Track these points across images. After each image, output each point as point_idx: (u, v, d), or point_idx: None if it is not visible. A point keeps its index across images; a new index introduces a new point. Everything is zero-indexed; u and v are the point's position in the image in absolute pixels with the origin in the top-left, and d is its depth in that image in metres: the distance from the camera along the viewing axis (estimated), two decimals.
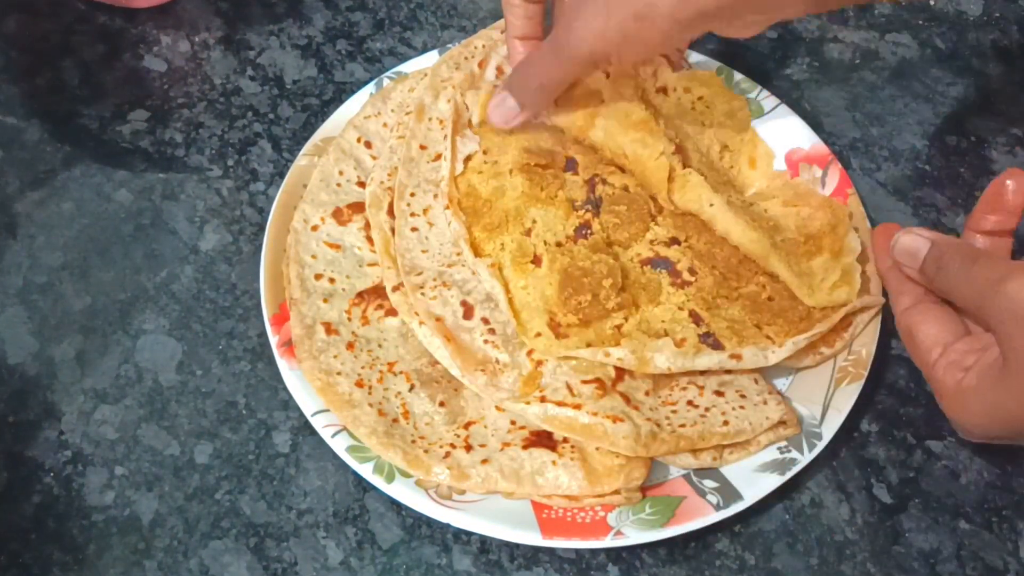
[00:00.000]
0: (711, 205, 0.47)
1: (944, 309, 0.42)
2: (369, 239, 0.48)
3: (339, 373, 0.43)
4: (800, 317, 0.44)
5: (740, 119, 0.53)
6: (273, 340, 0.45)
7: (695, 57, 0.56)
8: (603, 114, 0.49)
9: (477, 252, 0.46)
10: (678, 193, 0.48)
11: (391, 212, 0.47)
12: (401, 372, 0.44)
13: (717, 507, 0.41)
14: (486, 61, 0.52)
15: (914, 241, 0.42)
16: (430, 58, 0.55)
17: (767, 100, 0.54)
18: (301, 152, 0.51)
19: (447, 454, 0.41)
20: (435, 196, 0.48)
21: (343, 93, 0.56)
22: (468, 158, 0.49)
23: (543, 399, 0.41)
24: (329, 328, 0.45)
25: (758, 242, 0.46)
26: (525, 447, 0.41)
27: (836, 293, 0.45)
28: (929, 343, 0.41)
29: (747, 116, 0.53)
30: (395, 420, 0.42)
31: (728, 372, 0.44)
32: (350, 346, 0.44)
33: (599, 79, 0.51)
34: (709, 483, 0.42)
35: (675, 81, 0.53)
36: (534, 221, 0.47)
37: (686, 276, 0.45)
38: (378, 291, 0.46)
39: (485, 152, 0.49)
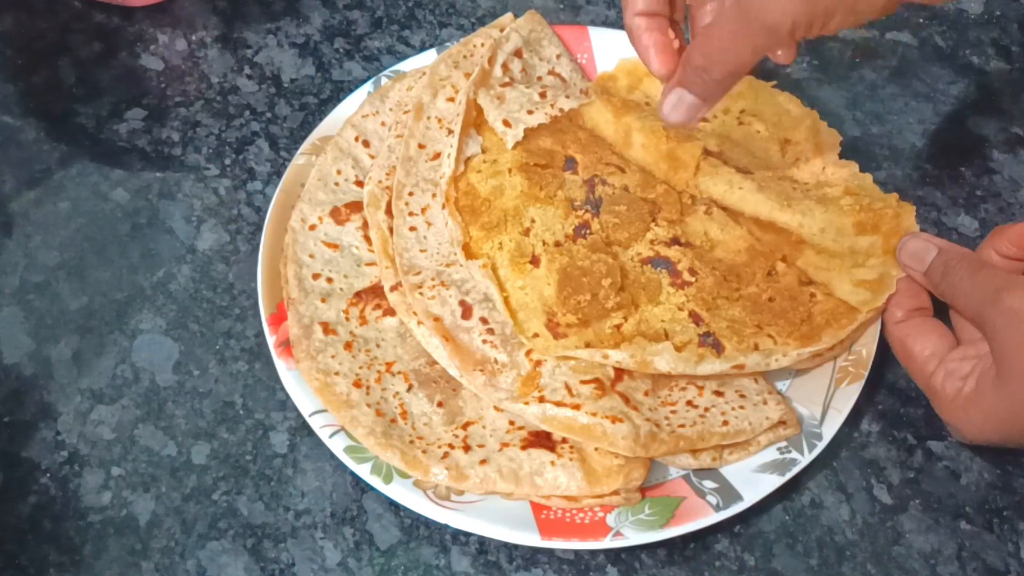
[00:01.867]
0: (740, 188, 0.47)
1: (935, 322, 0.43)
2: (367, 238, 0.48)
3: (337, 373, 0.43)
4: (801, 319, 0.44)
5: (795, 114, 0.52)
6: (271, 340, 0.44)
7: None
8: (636, 128, 0.49)
9: (474, 251, 0.46)
10: (706, 179, 0.48)
11: (389, 211, 0.47)
12: (399, 372, 0.44)
13: (717, 508, 0.40)
14: (494, 58, 0.52)
15: (922, 246, 0.43)
16: (428, 56, 0.54)
17: None
18: (299, 151, 0.51)
19: (445, 454, 0.41)
20: (433, 195, 0.48)
21: (341, 92, 0.56)
22: (469, 158, 0.49)
23: (542, 399, 0.41)
24: (327, 328, 0.44)
25: (789, 223, 0.46)
26: (524, 447, 0.41)
27: (858, 292, 0.44)
28: (926, 355, 0.42)
29: (799, 106, 0.52)
30: (393, 420, 0.42)
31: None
32: (348, 346, 0.44)
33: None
34: (709, 484, 0.41)
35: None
36: (533, 221, 0.46)
37: (686, 276, 0.45)
38: (376, 291, 0.46)
39: (484, 151, 0.49)
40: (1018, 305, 0.38)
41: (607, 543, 0.39)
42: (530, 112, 0.49)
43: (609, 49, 0.55)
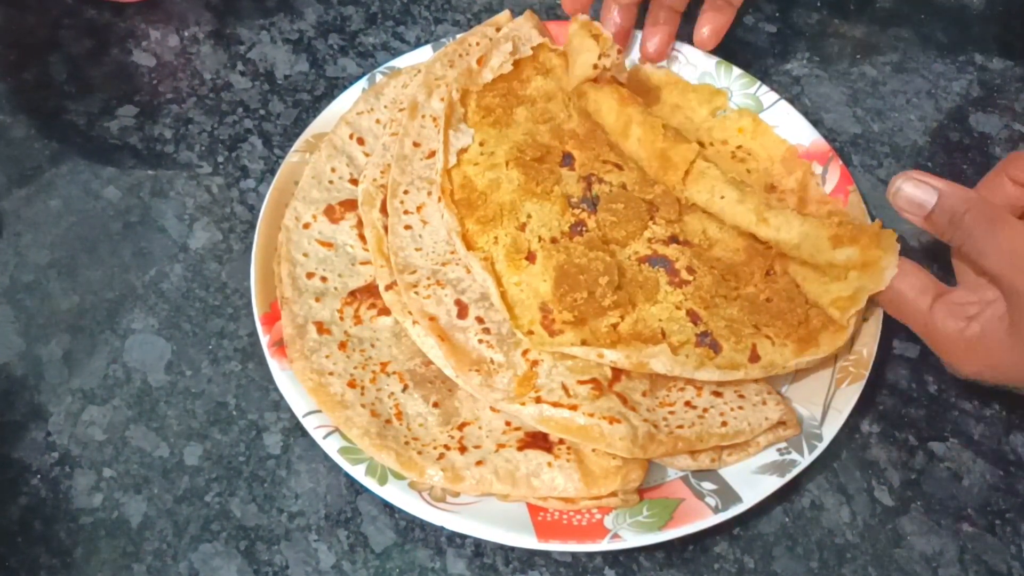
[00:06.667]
0: (722, 198, 0.46)
1: (915, 264, 0.42)
2: (362, 237, 0.47)
3: (331, 373, 0.43)
4: (799, 320, 0.44)
5: (789, 160, 0.51)
6: (264, 340, 0.44)
7: (693, 53, 0.55)
8: (637, 122, 0.49)
9: (469, 245, 0.45)
10: (691, 186, 0.47)
11: (384, 210, 0.47)
12: (394, 372, 0.43)
13: (716, 509, 0.40)
14: (486, 58, 0.51)
15: (920, 190, 0.41)
16: (424, 53, 0.54)
17: (766, 95, 0.53)
18: (292, 148, 0.50)
19: (441, 455, 0.41)
20: (429, 193, 0.47)
21: (335, 88, 0.55)
22: (462, 151, 0.48)
23: (538, 400, 0.40)
24: (321, 327, 0.44)
25: (768, 237, 0.45)
26: (520, 448, 0.41)
27: (835, 312, 0.43)
28: (917, 291, 0.41)
29: (794, 157, 0.51)
30: (388, 421, 0.42)
31: None
32: (342, 346, 0.44)
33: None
34: (707, 485, 0.41)
35: (708, 135, 0.52)
36: (529, 216, 0.46)
37: (684, 275, 0.45)
38: (371, 290, 0.46)
39: (481, 144, 0.49)
40: None
41: (605, 545, 0.39)
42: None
43: None
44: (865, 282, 0.43)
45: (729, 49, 0.56)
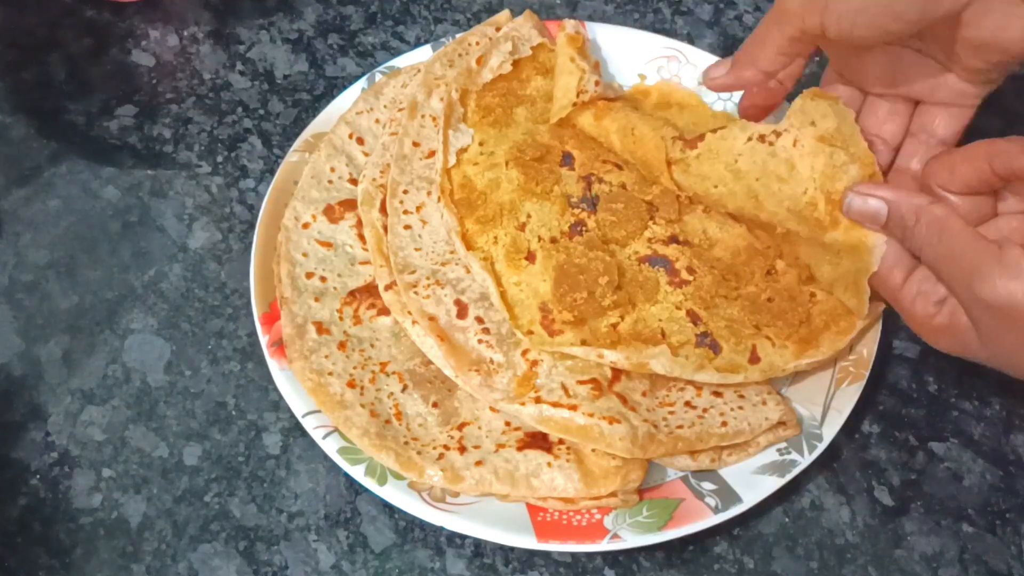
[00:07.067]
0: (715, 187, 0.46)
1: (889, 237, 0.42)
2: (361, 237, 0.47)
3: (330, 373, 0.43)
4: (800, 320, 0.44)
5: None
6: (263, 340, 0.44)
7: (692, 53, 0.55)
8: (612, 131, 0.49)
9: (469, 245, 0.45)
10: (683, 175, 0.47)
11: (384, 209, 0.47)
12: (394, 372, 0.43)
13: (715, 510, 0.40)
14: (485, 58, 0.51)
15: (869, 203, 0.41)
16: (423, 52, 0.54)
17: None
18: (292, 148, 0.50)
19: (440, 455, 0.40)
20: (428, 193, 0.47)
21: (335, 88, 0.55)
22: (462, 151, 0.48)
23: (538, 400, 0.40)
24: (320, 327, 0.44)
25: (768, 219, 0.45)
26: (520, 448, 0.41)
27: (849, 298, 0.43)
28: (888, 265, 0.41)
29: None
30: (387, 421, 0.42)
31: None
32: (342, 346, 0.44)
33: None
34: (707, 485, 0.41)
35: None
36: (528, 215, 0.46)
37: (684, 275, 0.45)
38: (370, 290, 0.45)
39: (481, 143, 0.49)
40: (993, 296, 0.36)
41: (604, 545, 0.39)
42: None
43: (606, 45, 0.55)
44: (859, 265, 0.42)
45: (729, 49, 0.56)
